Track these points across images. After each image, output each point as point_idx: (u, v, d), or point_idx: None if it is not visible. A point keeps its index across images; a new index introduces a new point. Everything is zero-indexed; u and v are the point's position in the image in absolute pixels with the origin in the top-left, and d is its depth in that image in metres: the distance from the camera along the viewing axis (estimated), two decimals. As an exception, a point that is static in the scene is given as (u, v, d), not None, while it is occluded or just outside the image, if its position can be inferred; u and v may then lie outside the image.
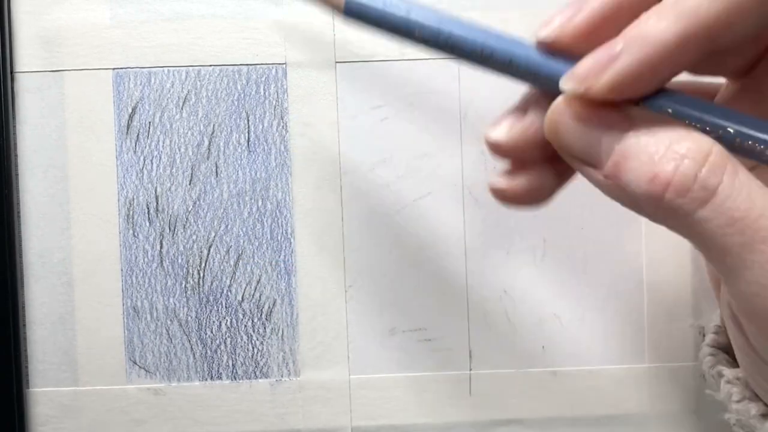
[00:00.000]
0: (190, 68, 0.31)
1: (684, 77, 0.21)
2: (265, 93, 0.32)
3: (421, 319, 0.32)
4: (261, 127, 0.32)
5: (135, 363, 0.32)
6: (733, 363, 0.25)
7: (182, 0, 0.31)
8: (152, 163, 0.32)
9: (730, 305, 0.21)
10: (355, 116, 0.32)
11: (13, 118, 0.31)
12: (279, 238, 0.32)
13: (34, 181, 0.31)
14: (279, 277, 0.32)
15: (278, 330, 0.32)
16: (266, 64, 0.32)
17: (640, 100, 0.20)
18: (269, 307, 0.32)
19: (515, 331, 0.32)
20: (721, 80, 0.23)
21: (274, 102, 0.32)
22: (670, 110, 0.19)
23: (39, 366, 0.32)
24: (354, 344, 0.32)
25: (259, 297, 0.32)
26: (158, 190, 0.32)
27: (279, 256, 0.32)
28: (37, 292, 0.31)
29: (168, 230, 0.32)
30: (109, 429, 0.32)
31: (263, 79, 0.32)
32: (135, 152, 0.32)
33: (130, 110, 0.32)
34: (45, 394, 0.31)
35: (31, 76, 0.31)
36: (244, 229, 0.32)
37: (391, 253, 0.32)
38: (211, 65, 0.31)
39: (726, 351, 0.26)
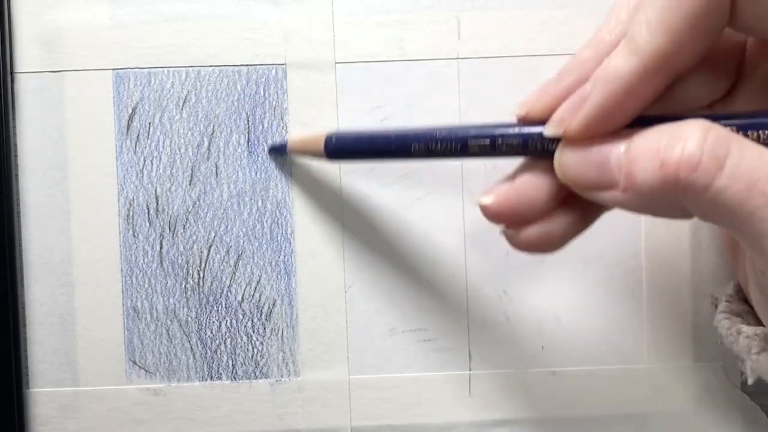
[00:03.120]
0: (190, 69, 0.31)
1: None
2: (265, 93, 0.32)
3: (421, 319, 0.32)
4: (261, 127, 0.32)
5: (135, 363, 0.32)
6: (748, 325, 0.27)
7: (182, 0, 0.31)
8: (152, 164, 0.32)
9: (756, 272, 0.22)
10: (355, 116, 0.32)
11: (13, 118, 0.31)
12: (279, 238, 0.32)
13: (34, 181, 0.31)
14: (279, 277, 0.32)
15: (278, 330, 0.32)
16: (266, 64, 0.32)
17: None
18: (269, 308, 0.32)
19: (515, 331, 0.32)
20: None
21: (273, 102, 0.32)
22: None
23: (39, 366, 0.32)
24: (354, 344, 0.32)
25: (259, 297, 0.32)
26: (158, 190, 0.32)
27: (279, 257, 0.32)
28: (37, 293, 0.31)
29: (168, 230, 0.32)
30: (109, 429, 0.32)
31: (263, 79, 0.32)
32: (135, 153, 0.32)
33: (130, 111, 0.32)
34: (45, 394, 0.31)
35: (31, 77, 0.31)
36: (244, 230, 0.32)
37: (391, 253, 0.32)
38: (210, 66, 0.31)
39: (738, 315, 0.27)
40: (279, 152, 0.31)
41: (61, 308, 0.32)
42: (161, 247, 0.32)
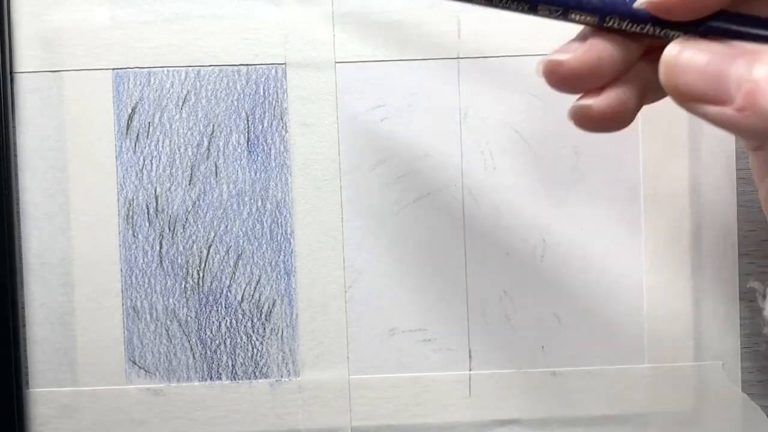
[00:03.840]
0: (190, 68, 0.31)
1: None
2: (264, 93, 0.32)
3: (421, 319, 0.32)
4: (261, 127, 0.32)
5: (135, 363, 0.32)
6: None
7: (182, 0, 0.31)
8: (152, 164, 0.32)
9: None
10: (355, 116, 0.32)
11: (13, 118, 0.31)
12: (279, 238, 0.32)
13: (34, 181, 0.31)
14: (279, 277, 0.32)
15: (278, 330, 0.32)
16: (266, 64, 0.32)
17: (708, 20, 0.20)
18: (269, 308, 0.32)
19: (515, 331, 0.32)
20: None
21: (273, 102, 0.32)
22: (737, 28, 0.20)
23: (39, 366, 0.32)
24: (354, 344, 0.32)
25: (259, 297, 0.32)
26: (158, 190, 0.32)
27: (279, 257, 0.32)
28: (36, 293, 0.31)
29: (167, 230, 0.32)
30: (108, 429, 0.31)
31: (263, 79, 0.32)
32: (135, 152, 0.32)
33: (129, 110, 0.32)
34: (45, 394, 0.31)
35: (31, 77, 0.31)
36: (243, 230, 0.32)
37: (391, 253, 0.32)
38: (210, 65, 0.31)
39: None
40: None
41: (61, 308, 0.32)
42: (161, 247, 0.32)
